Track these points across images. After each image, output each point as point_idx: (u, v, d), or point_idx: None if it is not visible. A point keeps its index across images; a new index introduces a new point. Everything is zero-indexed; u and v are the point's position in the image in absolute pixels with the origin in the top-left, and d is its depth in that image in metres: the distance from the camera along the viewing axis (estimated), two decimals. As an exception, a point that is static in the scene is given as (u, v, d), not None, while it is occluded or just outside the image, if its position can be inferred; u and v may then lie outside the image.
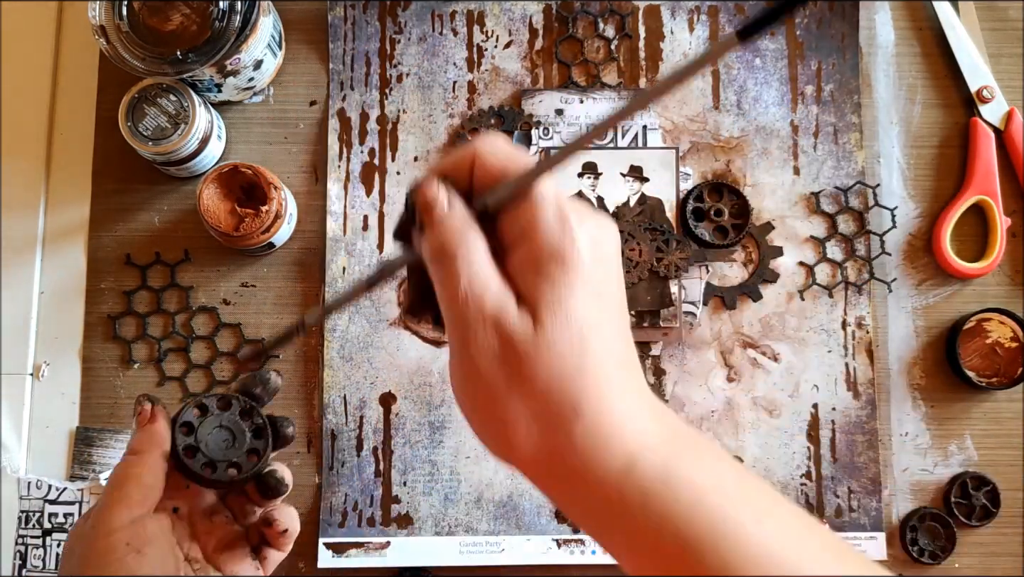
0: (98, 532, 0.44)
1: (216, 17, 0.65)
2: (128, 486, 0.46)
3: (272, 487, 0.50)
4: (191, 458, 0.49)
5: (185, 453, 0.48)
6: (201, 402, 0.50)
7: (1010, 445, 0.71)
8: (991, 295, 0.73)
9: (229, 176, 0.67)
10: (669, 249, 0.71)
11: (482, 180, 0.37)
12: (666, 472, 0.34)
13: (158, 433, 0.48)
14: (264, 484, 0.50)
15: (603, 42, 0.75)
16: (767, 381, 0.71)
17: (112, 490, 0.46)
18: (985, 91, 0.73)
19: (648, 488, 0.34)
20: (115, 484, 0.46)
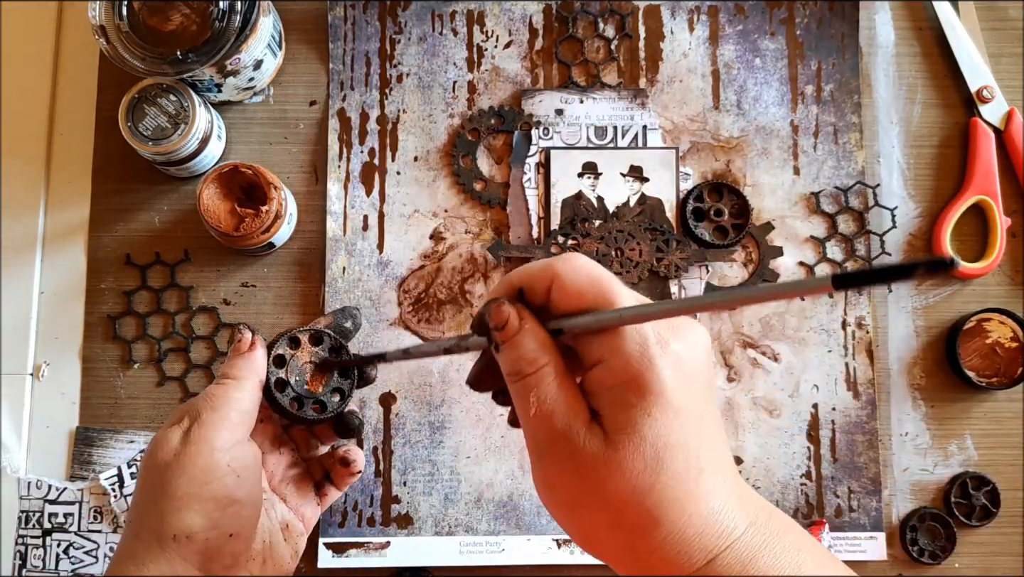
0: (200, 449, 0.44)
1: (216, 17, 0.65)
2: (228, 408, 0.46)
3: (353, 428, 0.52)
4: (280, 392, 0.49)
5: (275, 386, 0.49)
6: (295, 336, 0.50)
7: (1010, 445, 0.71)
8: (991, 295, 0.73)
9: (229, 176, 0.67)
10: (669, 249, 0.71)
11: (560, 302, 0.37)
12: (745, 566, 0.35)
13: (256, 361, 0.49)
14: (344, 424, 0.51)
15: (603, 42, 0.75)
16: (767, 381, 0.71)
17: (211, 411, 0.46)
18: (985, 91, 0.73)
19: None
20: (213, 405, 0.46)
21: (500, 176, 0.73)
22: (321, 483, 0.52)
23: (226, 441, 0.45)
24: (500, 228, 0.72)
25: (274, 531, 0.49)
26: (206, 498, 0.43)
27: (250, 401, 0.48)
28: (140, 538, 0.44)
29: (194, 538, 0.43)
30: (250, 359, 0.49)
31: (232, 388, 0.47)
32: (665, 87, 0.74)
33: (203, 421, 0.45)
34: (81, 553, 0.67)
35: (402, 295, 0.72)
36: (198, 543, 0.43)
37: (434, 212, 0.73)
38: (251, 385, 0.48)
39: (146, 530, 0.44)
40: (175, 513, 0.43)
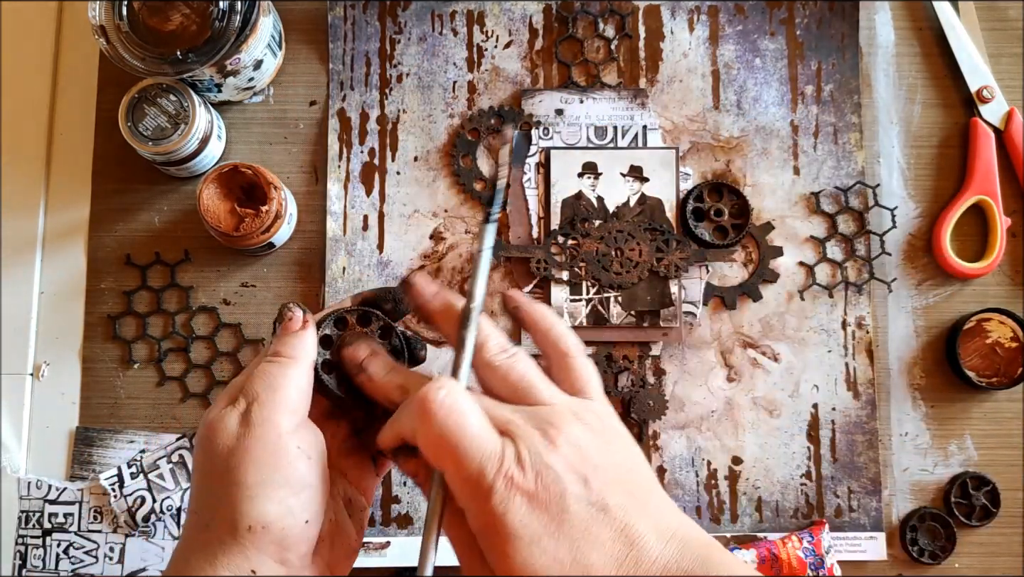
0: (266, 431, 0.42)
1: (216, 17, 0.65)
2: (288, 390, 0.43)
3: None
4: (328, 374, 0.47)
5: (322, 367, 0.46)
6: (343, 316, 0.48)
7: (1010, 445, 0.71)
8: (991, 295, 0.73)
9: (229, 176, 0.67)
10: (669, 249, 0.71)
11: None
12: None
13: (309, 340, 0.46)
14: None
15: (603, 42, 0.75)
16: (767, 381, 0.71)
17: (270, 391, 0.43)
18: (985, 91, 0.73)
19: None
20: (272, 385, 0.43)
21: (500, 176, 0.73)
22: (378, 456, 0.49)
23: (290, 423, 0.43)
24: (500, 228, 0.72)
25: (339, 509, 0.47)
26: (279, 484, 0.41)
27: (307, 380, 0.45)
28: (211, 529, 0.41)
29: (270, 528, 0.40)
30: (302, 337, 0.46)
31: (287, 366, 0.44)
32: (665, 87, 0.74)
33: (263, 402, 0.43)
34: (81, 553, 0.67)
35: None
36: (275, 532, 0.40)
37: (434, 212, 0.73)
38: (306, 364, 0.45)
39: (217, 521, 0.41)
40: (248, 502, 0.40)
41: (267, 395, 0.43)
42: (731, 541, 0.69)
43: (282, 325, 0.47)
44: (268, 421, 0.42)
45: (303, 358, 0.45)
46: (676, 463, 0.71)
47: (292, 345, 0.45)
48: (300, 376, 0.44)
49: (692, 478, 0.70)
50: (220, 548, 0.41)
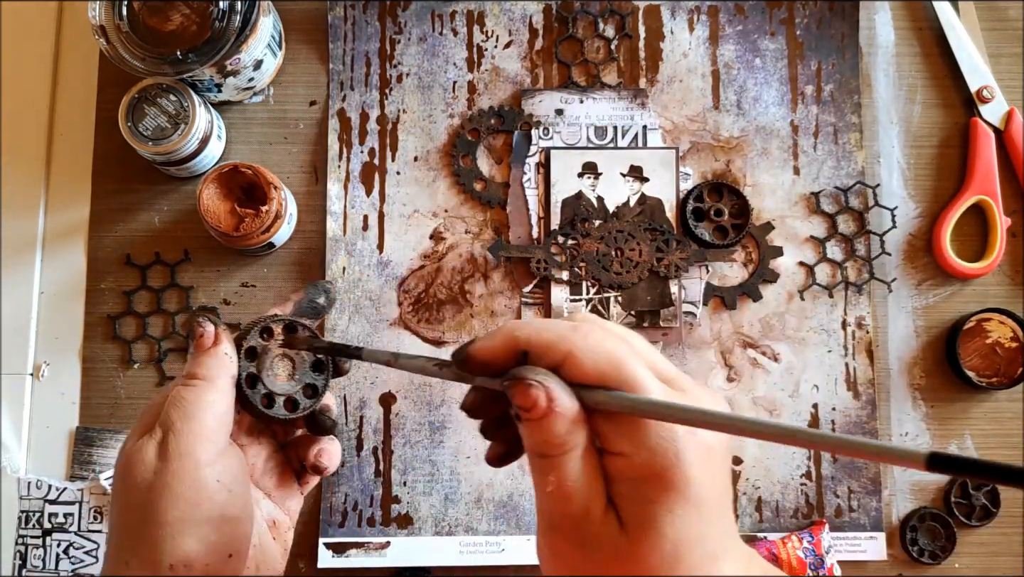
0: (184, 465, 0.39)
1: (216, 17, 0.65)
2: (205, 417, 0.41)
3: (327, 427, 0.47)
4: (251, 388, 0.44)
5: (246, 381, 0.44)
6: (267, 325, 0.45)
7: (1010, 445, 0.71)
8: (991, 295, 0.73)
9: (229, 176, 0.67)
10: (669, 249, 0.71)
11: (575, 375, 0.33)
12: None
13: (225, 356, 0.43)
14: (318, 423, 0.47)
15: (603, 42, 0.75)
16: (767, 381, 0.71)
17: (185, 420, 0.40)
18: (985, 91, 0.73)
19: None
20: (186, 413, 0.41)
21: (500, 176, 0.73)
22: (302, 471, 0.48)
23: (209, 453, 0.40)
24: (500, 228, 0.72)
25: (262, 532, 0.45)
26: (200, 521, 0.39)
27: (225, 403, 0.42)
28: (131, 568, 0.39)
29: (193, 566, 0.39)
30: (218, 355, 0.43)
31: (203, 390, 0.41)
32: (665, 87, 0.74)
33: (178, 432, 0.40)
34: (81, 553, 0.67)
35: (402, 295, 0.72)
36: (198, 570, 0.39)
37: (434, 212, 0.73)
38: (223, 384, 0.42)
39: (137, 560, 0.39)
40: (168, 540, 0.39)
41: (183, 424, 0.40)
42: (731, 541, 0.69)
43: (194, 342, 0.43)
44: (185, 454, 0.40)
45: (219, 378, 0.42)
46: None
47: (206, 365, 0.42)
48: (218, 400, 0.42)
49: (692, 478, 0.70)
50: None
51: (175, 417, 0.41)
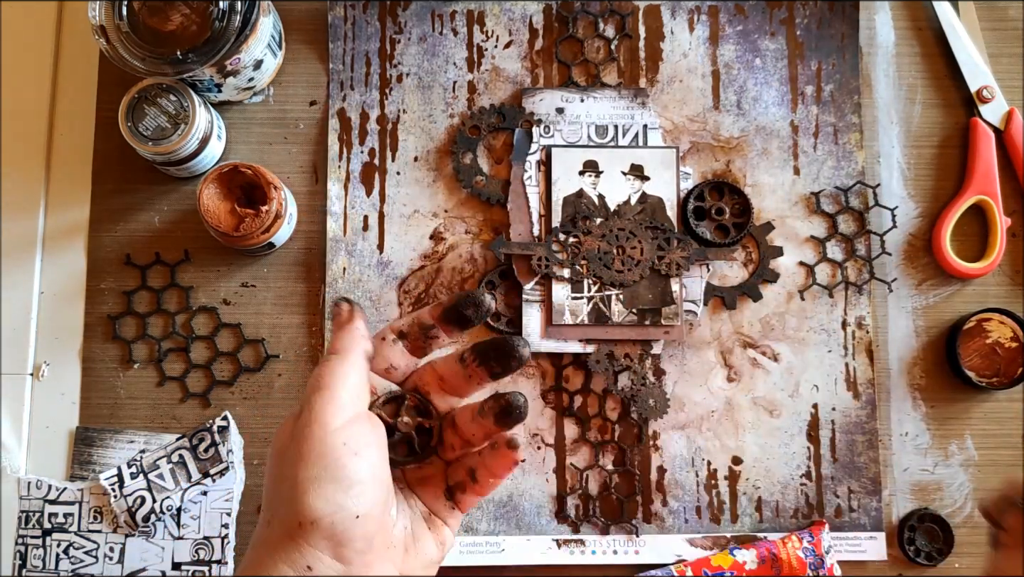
0: (313, 431, 0.42)
1: (216, 17, 0.65)
2: (335, 386, 0.44)
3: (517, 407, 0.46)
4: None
5: None
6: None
7: (1010, 445, 0.71)
8: (991, 295, 0.73)
9: (229, 176, 0.67)
10: (670, 247, 0.71)
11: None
12: None
13: (358, 331, 0.46)
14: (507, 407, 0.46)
15: (603, 42, 0.75)
16: (767, 381, 0.71)
17: (319, 390, 0.44)
18: (985, 91, 0.73)
19: None
20: (320, 385, 0.44)
21: (500, 176, 0.73)
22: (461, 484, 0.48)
23: (337, 419, 0.43)
24: (500, 228, 0.72)
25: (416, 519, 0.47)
26: (327, 480, 0.42)
27: (358, 374, 0.45)
28: (272, 526, 0.43)
29: (319, 524, 0.41)
30: (351, 330, 0.46)
31: (335, 363, 0.44)
32: (665, 87, 0.74)
33: (311, 402, 0.43)
34: (81, 553, 0.67)
35: (402, 295, 0.72)
36: (325, 528, 0.41)
37: (434, 212, 0.73)
38: (356, 357, 0.45)
39: (276, 519, 0.43)
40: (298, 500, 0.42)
41: (316, 395, 0.43)
42: (731, 541, 0.69)
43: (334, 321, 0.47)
44: (315, 420, 0.43)
45: (351, 352, 0.45)
46: (676, 463, 0.71)
47: (340, 339, 0.46)
48: (349, 371, 0.44)
49: (692, 478, 0.70)
50: (279, 544, 0.42)
51: (310, 390, 0.44)
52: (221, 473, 0.68)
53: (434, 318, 0.47)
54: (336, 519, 0.41)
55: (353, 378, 0.44)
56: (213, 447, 0.68)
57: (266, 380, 0.71)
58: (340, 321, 0.46)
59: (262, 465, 0.70)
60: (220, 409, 0.70)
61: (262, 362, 0.71)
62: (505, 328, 0.71)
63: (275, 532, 0.42)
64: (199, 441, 0.68)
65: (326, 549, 0.42)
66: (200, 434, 0.69)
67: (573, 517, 0.70)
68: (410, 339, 0.48)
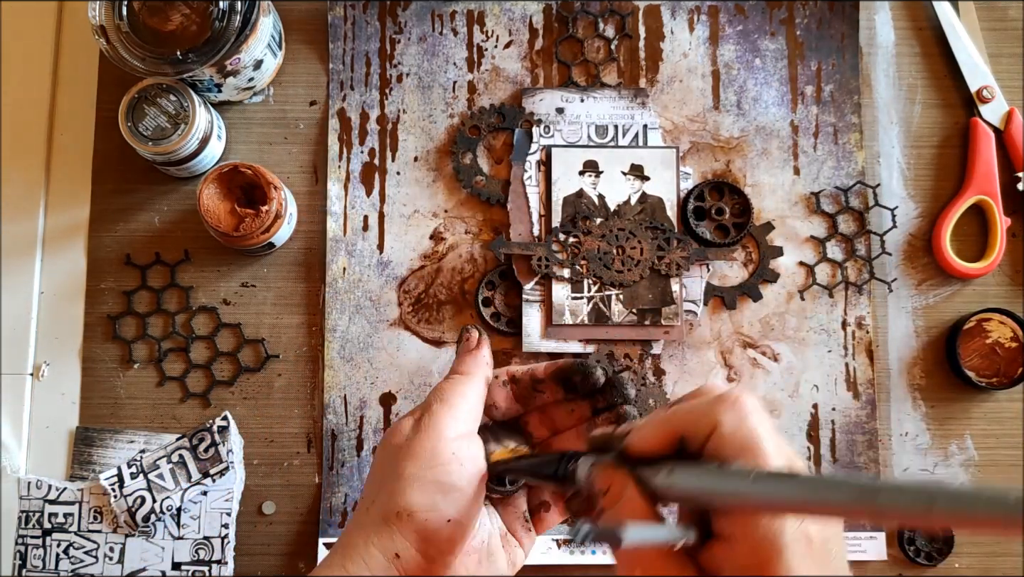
0: (429, 436, 0.47)
1: (216, 17, 0.65)
2: (457, 401, 0.49)
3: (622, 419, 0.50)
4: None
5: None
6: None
7: (1010, 445, 0.71)
8: (991, 295, 0.73)
9: (229, 176, 0.67)
10: (670, 247, 0.71)
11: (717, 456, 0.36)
12: None
13: (483, 358, 0.51)
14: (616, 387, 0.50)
15: (603, 42, 0.75)
16: (767, 381, 0.71)
17: (441, 403, 0.48)
18: (985, 91, 0.73)
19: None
20: (443, 398, 0.49)
21: (500, 176, 0.73)
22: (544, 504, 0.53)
23: (453, 431, 0.47)
24: (500, 228, 0.72)
25: (494, 534, 0.51)
26: (429, 481, 0.46)
27: (477, 396, 0.50)
28: (370, 512, 0.47)
29: (414, 517, 0.45)
30: (477, 357, 0.51)
31: (461, 383, 0.50)
32: (665, 87, 0.74)
33: (433, 412, 0.48)
34: (81, 553, 0.67)
35: (402, 295, 0.72)
36: (417, 522, 0.45)
37: (434, 212, 0.73)
38: (478, 381, 0.50)
39: (376, 505, 0.47)
40: (400, 492, 0.46)
41: (438, 405, 0.48)
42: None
43: (462, 345, 0.52)
44: (434, 427, 0.47)
45: (476, 374, 0.50)
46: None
47: (467, 363, 0.51)
48: (471, 391, 0.50)
49: (692, 478, 0.70)
50: (374, 527, 0.46)
51: (433, 400, 0.49)
52: (221, 473, 0.68)
53: (546, 375, 0.51)
54: (430, 516, 0.45)
55: (472, 399, 0.49)
56: (213, 447, 0.68)
57: (266, 380, 0.71)
58: (468, 346, 0.52)
59: (262, 465, 0.70)
60: (220, 409, 0.70)
61: (262, 362, 0.71)
62: (505, 328, 0.71)
63: (373, 517, 0.46)
64: (199, 441, 0.68)
65: (414, 542, 0.45)
66: (200, 434, 0.69)
67: (573, 517, 0.70)
68: (520, 386, 0.52)
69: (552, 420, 0.53)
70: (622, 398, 0.51)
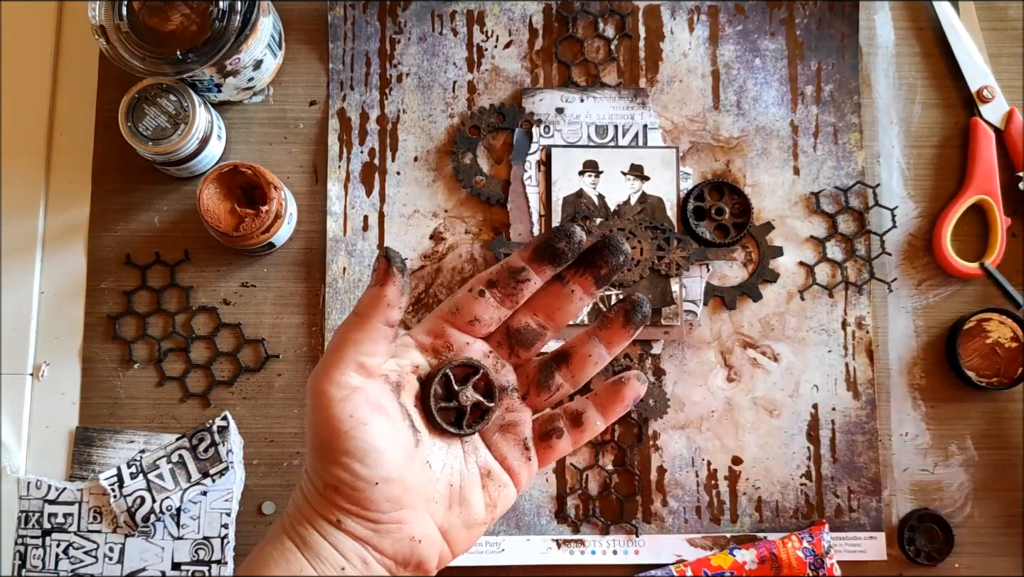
0: (320, 401, 0.42)
1: (216, 17, 0.65)
2: (344, 350, 0.42)
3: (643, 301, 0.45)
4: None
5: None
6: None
7: (1010, 445, 0.71)
8: (991, 295, 0.73)
9: (229, 176, 0.67)
10: (670, 247, 0.71)
11: None
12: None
13: (384, 298, 0.42)
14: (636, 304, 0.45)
15: (603, 42, 0.75)
16: (767, 381, 0.71)
17: (329, 351, 0.42)
18: (985, 91, 0.73)
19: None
20: (332, 347, 0.43)
21: (500, 176, 0.73)
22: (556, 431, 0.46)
23: (344, 389, 0.41)
24: (500, 228, 0.72)
25: (468, 476, 0.45)
26: (339, 452, 0.41)
27: (371, 341, 0.42)
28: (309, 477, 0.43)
29: (340, 489, 0.41)
30: (378, 296, 0.42)
31: (351, 328, 0.42)
32: (665, 87, 0.74)
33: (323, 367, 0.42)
34: (81, 553, 0.67)
35: (402, 295, 0.72)
36: (345, 494, 0.41)
37: (434, 212, 0.73)
38: (373, 324, 0.42)
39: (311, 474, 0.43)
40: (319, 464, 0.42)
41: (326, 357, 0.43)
42: (731, 541, 0.69)
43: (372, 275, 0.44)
44: (321, 393, 0.42)
45: (372, 316, 0.42)
46: (676, 463, 0.71)
47: (364, 303, 0.43)
48: (365, 337, 0.42)
49: (692, 478, 0.70)
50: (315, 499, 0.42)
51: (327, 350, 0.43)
52: (221, 473, 0.68)
53: (524, 259, 0.45)
54: (356, 487, 0.41)
55: (365, 346, 0.42)
56: (213, 447, 0.68)
57: (266, 380, 0.71)
58: (372, 280, 0.43)
59: (262, 465, 0.70)
60: (220, 409, 0.70)
61: (262, 362, 0.71)
62: None
63: (309, 486, 0.43)
64: (199, 441, 0.68)
65: (354, 512, 0.42)
66: (200, 434, 0.69)
67: (573, 517, 0.70)
68: (500, 287, 0.45)
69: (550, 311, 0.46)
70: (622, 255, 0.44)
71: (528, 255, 0.44)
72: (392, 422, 0.43)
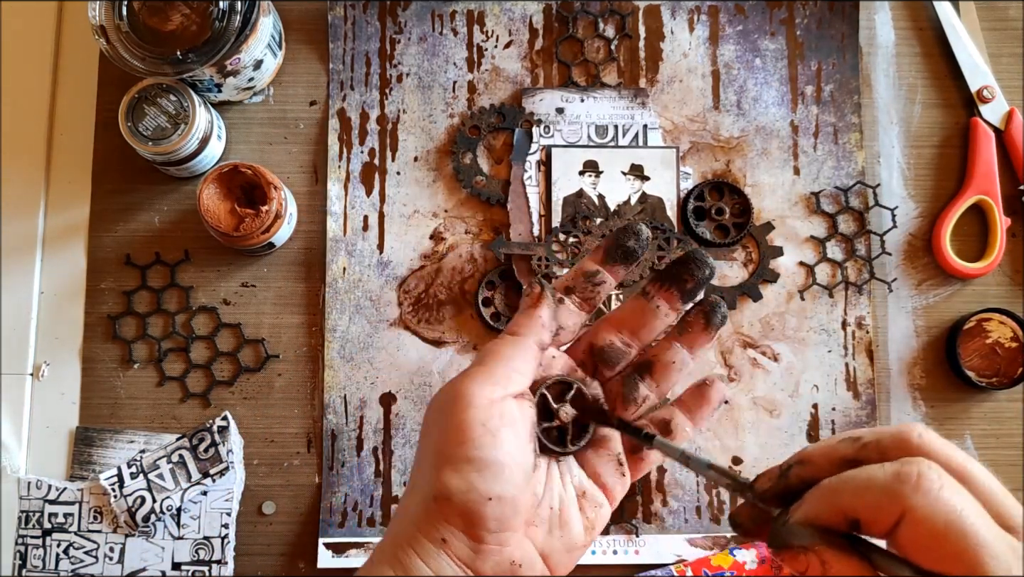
0: (457, 405, 0.42)
1: (216, 17, 0.65)
2: (494, 363, 0.43)
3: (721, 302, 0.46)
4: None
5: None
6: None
7: (1010, 445, 0.71)
8: (991, 295, 0.73)
9: (229, 176, 0.67)
10: (670, 248, 0.71)
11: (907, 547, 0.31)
12: None
13: (538, 319, 0.45)
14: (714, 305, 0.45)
15: (603, 42, 0.75)
16: (767, 381, 0.71)
17: (477, 364, 0.44)
18: (985, 91, 0.73)
19: None
20: (482, 359, 0.44)
21: (500, 176, 0.73)
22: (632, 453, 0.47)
23: (484, 399, 0.42)
24: (500, 228, 0.72)
25: (566, 499, 0.45)
26: (461, 459, 0.41)
27: (522, 359, 0.44)
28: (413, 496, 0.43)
29: (451, 500, 0.41)
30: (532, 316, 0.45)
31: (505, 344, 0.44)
32: (665, 87, 0.74)
33: (468, 375, 0.43)
34: (81, 553, 0.67)
35: (402, 295, 0.72)
36: (456, 505, 0.41)
37: (434, 212, 0.73)
38: (528, 343, 0.44)
39: (417, 489, 0.43)
40: (434, 472, 0.41)
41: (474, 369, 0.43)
42: (731, 541, 0.69)
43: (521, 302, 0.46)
44: (460, 396, 0.42)
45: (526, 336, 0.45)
46: (676, 463, 0.70)
47: (518, 322, 0.45)
48: (515, 353, 0.44)
49: (692, 478, 0.70)
50: (417, 514, 0.42)
51: (474, 361, 0.44)
52: (221, 473, 0.68)
53: (597, 262, 0.46)
54: (468, 498, 0.41)
55: (517, 362, 0.44)
56: (213, 447, 0.68)
57: (266, 380, 0.71)
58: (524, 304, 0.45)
59: (262, 465, 0.70)
60: (220, 409, 0.70)
61: (262, 362, 0.71)
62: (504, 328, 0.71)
63: (415, 501, 0.42)
64: (199, 441, 0.68)
65: (460, 526, 0.41)
66: (200, 434, 0.69)
67: (573, 517, 0.70)
68: (577, 292, 0.46)
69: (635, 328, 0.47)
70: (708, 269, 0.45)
71: (600, 257, 0.46)
72: (519, 441, 0.43)
